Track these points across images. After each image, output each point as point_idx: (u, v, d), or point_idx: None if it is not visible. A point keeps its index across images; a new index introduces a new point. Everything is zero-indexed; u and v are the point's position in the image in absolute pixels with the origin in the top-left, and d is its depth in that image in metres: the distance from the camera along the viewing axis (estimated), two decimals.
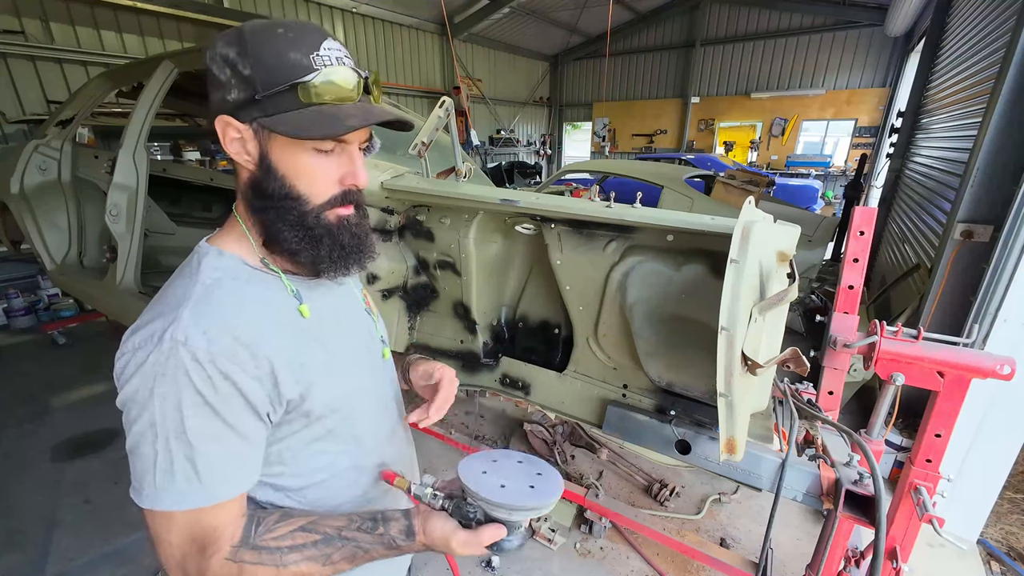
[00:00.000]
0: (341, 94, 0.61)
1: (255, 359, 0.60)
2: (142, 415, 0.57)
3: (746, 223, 0.97)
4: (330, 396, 0.70)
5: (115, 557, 2.14)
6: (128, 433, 0.59)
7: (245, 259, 0.67)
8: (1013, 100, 2.12)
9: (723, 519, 2.40)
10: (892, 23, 8.07)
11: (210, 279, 0.63)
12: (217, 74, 0.60)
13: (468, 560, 2.12)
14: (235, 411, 0.60)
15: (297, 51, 0.58)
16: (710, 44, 12.37)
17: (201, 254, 0.66)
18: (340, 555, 0.63)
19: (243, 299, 0.63)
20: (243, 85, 0.59)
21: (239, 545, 0.61)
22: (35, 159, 2.85)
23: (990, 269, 1.99)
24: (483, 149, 12.57)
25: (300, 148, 0.62)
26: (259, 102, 0.59)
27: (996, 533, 2.34)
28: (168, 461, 0.57)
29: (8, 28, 5.24)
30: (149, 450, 0.57)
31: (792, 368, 0.93)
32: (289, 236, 0.65)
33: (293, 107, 0.59)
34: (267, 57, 0.58)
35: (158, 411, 0.56)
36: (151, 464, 0.57)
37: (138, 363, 0.57)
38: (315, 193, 0.65)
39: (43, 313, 4.75)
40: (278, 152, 0.62)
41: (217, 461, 0.59)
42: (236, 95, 0.59)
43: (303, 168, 0.63)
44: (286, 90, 0.59)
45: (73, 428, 3.04)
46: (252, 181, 0.64)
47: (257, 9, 7.58)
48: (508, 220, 1.58)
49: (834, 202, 10.06)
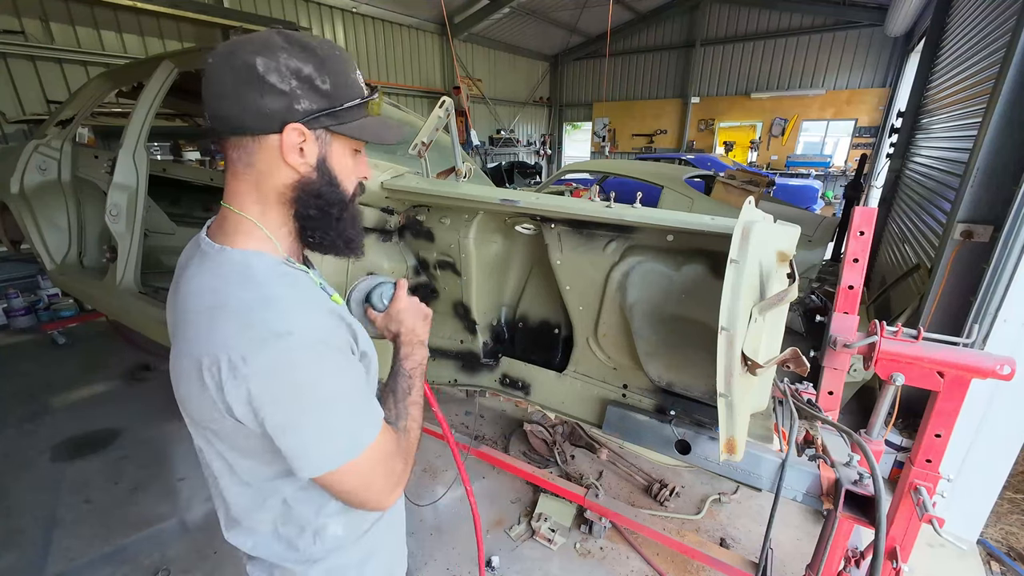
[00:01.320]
0: (377, 110, 0.76)
1: (345, 326, 0.73)
2: (300, 399, 0.64)
3: (746, 223, 0.97)
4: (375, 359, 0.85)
5: (115, 557, 2.14)
6: (285, 428, 0.64)
7: (278, 259, 0.72)
8: (1013, 100, 2.12)
9: (723, 519, 2.40)
10: (892, 23, 8.07)
11: (263, 277, 0.68)
12: (277, 83, 0.63)
13: (468, 560, 2.12)
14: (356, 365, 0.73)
15: (354, 72, 0.71)
16: (710, 44, 12.37)
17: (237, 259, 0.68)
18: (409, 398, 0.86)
19: (305, 286, 0.72)
20: (316, 96, 0.66)
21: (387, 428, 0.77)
22: (35, 159, 2.85)
23: (990, 269, 1.99)
24: (483, 149, 12.57)
25: (347, 152, 0.73)
26: (336, 113, 0.68)
27: (996, 533, 2.34)
28: (352, 414, 0.70)
29: (8, 28, 5.24)
30: (332, 419, 0.67)
31: (792, 368, 0.93)
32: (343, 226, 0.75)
33: (359, 117, 0.72)
34: (340, 75, 0.68)
35: (318, 390, 0.65)
36: (341, 425, 0.68)
37: (273, 362, 0.62)
38: (350, 188, 0.76)
39: (43, 313, 4.74)
40: (334, 156, 0.72)
41: (372, 397, 0.75)
42: (308, 105, 0.65)
43: (346, 168, 0.74)
44: (358, 104, 0.71)
45: (73, 428, 3.04)
46: (303, 183, 0.70)
47: (257, 9, 7.58)
48: (508, 220, 1.58)
49: (834, 202, 10.06)
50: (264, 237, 0.70)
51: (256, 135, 0.65)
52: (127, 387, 3.57)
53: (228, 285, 0.66)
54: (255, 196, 0.69)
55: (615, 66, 14.06)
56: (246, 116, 0.63)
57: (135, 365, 3.82)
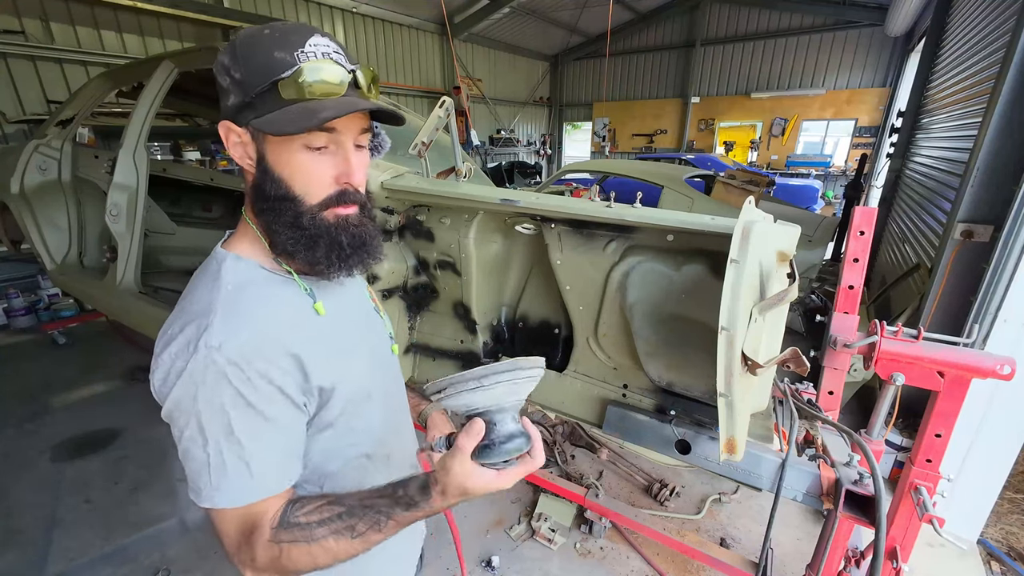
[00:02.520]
0: (325, 89, 0.60)
1: (286, 357, 0.63)
2: (190, 422, 0.59)
3: (746, 223, 0.97)
4: (354, 388, 0.73)
5: (115, 557, 2.14)
6: (179, 441, 0.61)
7: (261, 263, 0.69)
8: (1013, 100, 2.12)
9: (723, 519, 2.40)
10: (892, 23, 8.06)
11: (232, 284, 0.64)
12: (220, 82, 0.62)
13: (468, 560, 2.12)
14: (276, 406, 0.63)
15: (281, 50, 0.59)
16: (710, 44, 12.36)
17: (219, 260, 0.67)
18: (364, 524, 0.62)
19: (267, 300, 0.66)
20: (236, 89, 0.60)
21: (277, 527, 0.62)
22: (35, 159, 2.85)
23: (990, 269, 1.99)
24: (483, 149, 12.57)
25: (292, 147, 0.62)
26: (251, 104, 0.60)
27: (996, 533, 2.34)
28: (220, 462, 0.60)
29: (8, 28, 5.23)
30: (201, 454, 0.60)
31: (792, 368, 0.93)
32: (286, 237, 0.65)
33: (277, 106, 0.60)
34: (254, 58, 0.59)
35: (205, 416, 0.59)
36: (205, 466, 0.60)
37: (178, 372, 0.59)
38: (310, 193, 0.65)
39: (43, 313, 4.74)
40: (273, 153, 0.63)
41: (266, 456, 0.62)
42: (233, 99, 0.61)
43: (297, 167, 0.63)
44: (268, 88, 0.59)
45: (73, 428, 3.04)
46: (253, 184, 0.66)
47: (257, 9, 7.57)
48: (508, 220, 1.58)
49: (834, 202, 10.05)
50: (255, 237, 0.69)
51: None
52: (127, 387, 3.56)
53: (198, 282, 0.67)
54: (247, 196, 0.69)
55: (615, 66, 14.04)
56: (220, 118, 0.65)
57: (135, 365, 3.82)
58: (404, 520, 0.63)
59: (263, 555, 0.61)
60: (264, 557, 0.61)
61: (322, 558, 0.61)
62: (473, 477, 0.60)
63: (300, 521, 0.62)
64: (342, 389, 0.70)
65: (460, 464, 0.60)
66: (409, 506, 0.63)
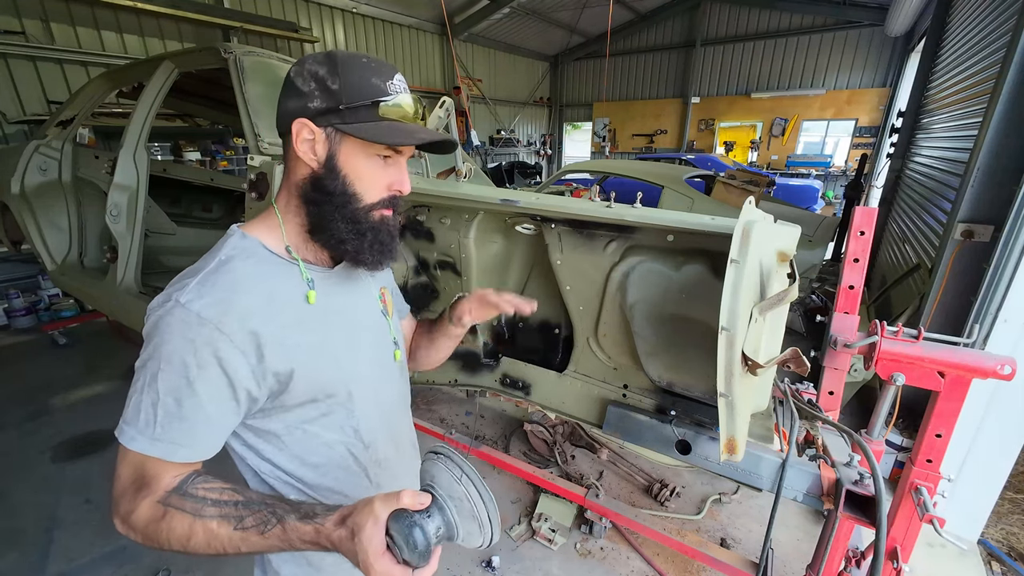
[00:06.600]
0: (405, 115, 0.73)
1: (242, 332, 0.66)
2: (143, 359, 0.66)
3: (746, 223, 0.97)
4: (324, 379, 0.75)
5: (116, 557, 2.14)
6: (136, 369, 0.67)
7: (265, 243, 0.74)
8: (1013, 100, 2.12)
9: (723, 519, 2.40)
10: (892, 23, 8.06)
11: (225, 256, 0.70)
12: (300, 85, 0.70)
13: (468, 560, 2.12)
14: (206, 381, 0.64)
15: (377, 77, 0.71)
16: (710, 44, 12.36)
17: (228, 235, 0.75)
18: (252, 520, 0.61)
19: (248, 276, 0.70)
20: (327, 96, 0.69)
21: (171, 491, 0.64)
22: (36, 159, 2.85)
23: (990, 269, 1.99)
24: (483, 149, 12.56)
25: (364, 154, 0.72)
26: (340, 112, 0.69)
27: (997, 533, 2.34)
28: (138, 401, 0.65)
29: (8, 28, 5.23)
30: (135, 389, 0.66)
31: (792, 368, 0.93)
32: (342, 227, 0.73)
33: (370, 119, 0.70)
34: (353, 78, 0.69)
35: (150, 360, 0.65)
36: (130, 400, 0.66)
37: (153, 322, 0.65)
38: (368, 194, 0.74)
39: (43, 313, 4.75)
40: (346, 155, 0.72)
41: (174, 420, 0.64)
42: (319, 104, 0.69)
43: (363, 171, 0.73)
44: (367, 105, 0.70)
45: (73, 428, 3.04)
46: (313, 178, 0.73)
47: (257, 10, 7.57)
48: (508, 220, 1.58)
49: (834, 202, 10.05)
50: (275, 224, 0.76)
51: (284, 134, 0.72)
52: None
53: (209, 254, 0.73)
54: (285, 188, 0.76)
55: (615, 66, 14.04)
56: (279, 118, 0.73)
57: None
58: (292, 531, 0.60)
59: (143, 512, 0.62)
60: (143, 515, 0.62)
61: (197, 539, 0.61)
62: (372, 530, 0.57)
63: (196, 494, 0.63)
64: (308, 377, 0.72)
65: (382, 506, 0.58)
66: (305, 516, 0.61)
